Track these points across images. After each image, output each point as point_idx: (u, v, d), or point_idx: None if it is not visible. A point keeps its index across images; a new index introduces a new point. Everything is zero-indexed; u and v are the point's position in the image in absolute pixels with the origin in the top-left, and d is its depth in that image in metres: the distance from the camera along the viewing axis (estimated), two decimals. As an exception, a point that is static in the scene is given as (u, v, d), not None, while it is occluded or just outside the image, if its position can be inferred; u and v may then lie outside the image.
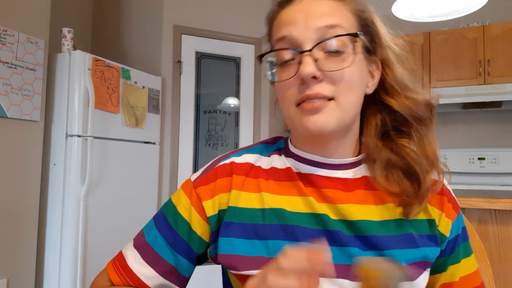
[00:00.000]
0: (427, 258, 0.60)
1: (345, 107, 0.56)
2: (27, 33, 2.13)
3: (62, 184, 2.23)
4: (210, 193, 0.62)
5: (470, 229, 0.77)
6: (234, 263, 0.58)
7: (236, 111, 3.26)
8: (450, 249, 0.63)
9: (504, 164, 3.29)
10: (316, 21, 0.55)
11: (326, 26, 0.55)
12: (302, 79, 0.55)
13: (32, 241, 2.17)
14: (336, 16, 0.56)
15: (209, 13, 3.14)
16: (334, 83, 0.55)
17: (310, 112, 0.56)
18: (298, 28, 0.56)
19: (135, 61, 3.03)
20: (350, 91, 0.56)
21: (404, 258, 0.58)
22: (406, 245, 0.59)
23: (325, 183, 0.61)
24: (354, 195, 0.61)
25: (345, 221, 0.59)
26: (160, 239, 0.63)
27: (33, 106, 2.14)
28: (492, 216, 1.25)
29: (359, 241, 0.58)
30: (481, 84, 3.19)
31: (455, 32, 3.29)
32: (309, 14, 0.56)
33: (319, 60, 0.55)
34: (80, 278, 2.17)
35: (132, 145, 2.60)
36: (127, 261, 0.64)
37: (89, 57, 2.30)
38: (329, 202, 0.60)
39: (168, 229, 0.63)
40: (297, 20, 0.56)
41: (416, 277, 0.59)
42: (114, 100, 2.45)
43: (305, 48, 0.55)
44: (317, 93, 0.55)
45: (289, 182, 0.62)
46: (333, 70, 0.55)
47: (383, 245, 0.58)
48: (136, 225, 2.52)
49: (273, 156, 0.66)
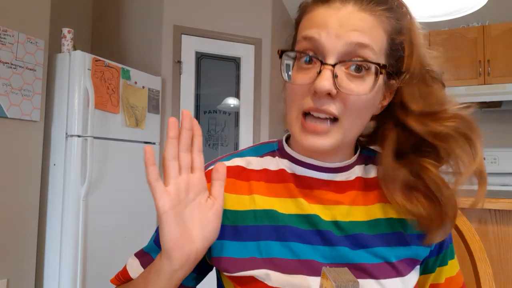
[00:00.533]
0: (417, 256, 0.61)
1: (347, 131, 0.56)
2: (27, 33, 2.12)
3: (62, 184, 2.23)
4: None
5: (470, 229, 0.77)
6: (227, 265, 0.59)
7: (236, 111, 3.26)
8: (437, 249, 0.64)
9: (504, 164, 3.29)
10: (349, 34, 0.52)
11: (357, 44, 0.52)
12: (315, 91, 0.53)
13: (32, 241, 2.16)
14: (370, 35, 0.53)
15: (209, 13, 3.14)
16: (346, 105, 0.54)
17: (310, 132, 0.55)
18: (328, 35, 0.53)
19: (135, 61, 3.03)
20: (358, 116, 0.55)
21: (394, 255, 0.59)
22: (396, 243, 0.59)
23: (319, 185, 0.61)
24: (346, 196, 0.61)
25: (336, 222, 0.59)
26: (155, 248, 0.65)
27: (33, 106, 2.14)
28: (492, 216, 1.25)
29: (348, 240, 0.58)
30: (481, 84, 3.19)
31: (455, 32, 3.29)
32: (344, 24, 0.53)
33: (339, 77, 0.53)
34: (80, 278, 2.17)
35: (132, 145, 2.60)
36: (127, 267, 0.67)
37: (89, 57, 2.30)
38: (321, 203, 0.60)
39: None
40: (330, 26, 0.53)
41: (407, 273, 0.59)
42: (114, 100, 2.45)
43: (329, 60, 0.52)
44: (325, 109, 0.53)
45: (280, 184, 0.62)
46: (350, 94, 0.53)
47: (371, 243, 0.58)
48: (136, 225, 2.52)
49: (266, 157, 0.66)
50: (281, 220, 0.59)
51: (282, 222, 0.59)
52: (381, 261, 0.58)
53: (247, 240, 0.59)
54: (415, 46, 0.58)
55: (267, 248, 0.58)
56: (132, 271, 0.65)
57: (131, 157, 2.59)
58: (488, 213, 1.25)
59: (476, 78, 3.20)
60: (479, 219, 1.26)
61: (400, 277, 0.58)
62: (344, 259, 0.58)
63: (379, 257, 0.58)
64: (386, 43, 0.55)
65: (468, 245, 0.77)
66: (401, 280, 0.58)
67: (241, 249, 0.59)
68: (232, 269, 0.58)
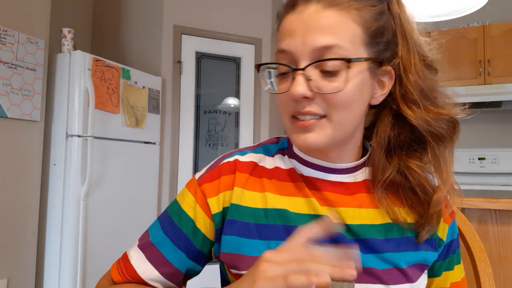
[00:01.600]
0: (426, 261, 0.61)
1: (338, 125, 0.56)
2: (27, 33, 2.13)
3: (62, 184, 2.23)
4: (215, 190, 0.62)
5: (470, 229, 0.77)
6: (236, 262, 0.58)
7: (236, 111, 3.26)
8: (444, 253, 0.64)
9: (504, 164, 3.29)
10: (314, 39, 0.53)
11: (322, 47, 0.52)
12: (293, 97, 0.54)
13: (32, 241, 2.17)
14: (337, 32, 0.53)
15: (209, 13, 3.14)
16: (327, 102, 0.54)
17: (300, 130, 0.56)
18: (296, 44, 0.54)
19: (135, 61, 3.03)
20: (344, 110, 0.55)
21: (404, 261, 0.58)
22: (406, 248, 0.59)
23: (327, 187, 0.61)
24: (355, 199, 0.60)
25: (345, 224, 0.59)
26: (164, 238, 0.63)
27: (33, 106, 2.14)
28: (492, 216, 1.25)
29: (359, 244, 0.58)
30: (481, 84, 3.19)
31: (455, 32, 3.29)
32: (308, 28, 0.53)
33: (313, 79, 0.54)
34: (80, 278, 2.17)
35: (132, 145, 2.60)
36: (130, 260, 0.64)
37: (89, 57, 2.30)
38: (330, 205, 0.60)
39: (172, 228, 0.63)
40: (296, 34, 0.54)
41: (416, 279, 0.59)
42: (114, 100, 2.45)
43: (301, 65, 0.54)
44: (308, 111, 0.55)
45: (292, 183, 0.62)
46: (325, 93, 0.54)
47: (382, 248, 0.58)
48: (136, 225, 2.52)
49: (277, 156, 0.66)
50: (292, 220, 0.59)
51: (293, 222, 0.59)
52: (391, 267, 0.58)
53: (257, 238, 0.58)
54: (404, 30, 0.57)
55: None
56: (139, 266, 0.62)
57: (131, 157, 2.59)
58: (488, 213, 1.25)
59: (476, 78, 3.20)
60: (479, 219, 1.26)
61: (410, 283, 0.58)
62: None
63: (389, 262, 0.58)
64: (363, 33, 0.54)
65: (468, 245, 0.77)
66: (410, 286, 0.58)
67: (252, 247, 0.58)
68: (241, 266, 0.57)
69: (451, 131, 0.59)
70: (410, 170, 0.59)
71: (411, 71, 0.57)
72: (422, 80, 0.57)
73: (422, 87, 0.57)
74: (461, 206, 0.61)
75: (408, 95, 0.57)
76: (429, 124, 0.57)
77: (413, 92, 0.57)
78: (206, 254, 0.64)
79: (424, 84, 0.57)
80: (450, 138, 0.59)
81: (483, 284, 0.75)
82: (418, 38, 0.59)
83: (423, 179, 0.58)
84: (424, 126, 0.57)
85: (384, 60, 0.57)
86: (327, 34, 0.53)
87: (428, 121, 0.57)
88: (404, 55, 0.57)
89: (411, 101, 0.57)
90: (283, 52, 0.56)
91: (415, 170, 0.58)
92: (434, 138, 0.58)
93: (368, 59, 0.55)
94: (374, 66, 0.56)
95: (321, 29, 0.53)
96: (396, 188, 0.60)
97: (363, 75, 0.55)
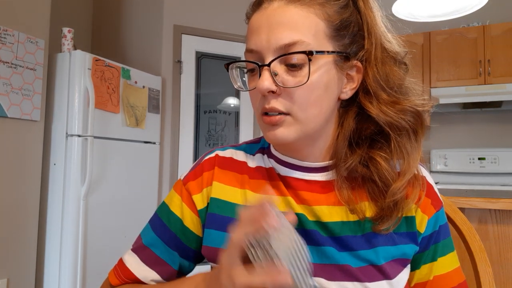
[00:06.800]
0: (405, 255, 0.60)
1: (304, 121, 0.56)
2: (27, 33, 2.12)
3: (62, 184, 2.23)
4: (198, 187, 0.64)
5: (470, 229, 0.77)
6: (216, 256, 0.58)
7: (236, 111, 3.26)
8: (424, 246, 0.62)
9: (504, 164, 3.29)
10: (277, 36, 0.54)
11: (285, 45, 0.53)
12: (260, 93, 0.56)
13: (32, 241, 2.17)
14: (300, 28, 0.54)
15: (209, 13, 3.14)
16: (291, 98, 0.55)
17: (270, 126, 0.57)
18: (261, 42, 0.55)
19: (135, 61, 3.03)
20: (308, 106, 0.55)
21: (382, 256, 0.58)
22: (383, 243, 0.59)
23: (301, 185, 0.61)
24: (329, 197, 0.61)
25: (320, 222, 0.59)
26: (156, 240, 0.65)
27: (33, 106, 2.14)
28: (492, 216, 1.25)
29: (334, 242, 0.59)
30: (481, 84, 3.19)
31: (455, 32, 3.29)
32: (271, 25, 0.54)
33: (279, 74, 0.55)
34: (80, 278, 2.17)
35: (132, 145, 2.60)
36: (126, 264, 0.66)
37: (89, 57, 2.30)
38: (305, 203, 0.60)
39: (162, 229, 0.65)
40: (261, 31, 0.55)
41: (395, 275, 0.58)
42: (114, 100, 2.45)
43: (266, 61, 0.55)
44: (272, 107, 0.55)
45: (271, 182, 0.63)
46: (288, 87, 0.54)
47: (356, 246, 0.58)
48: (136, 225, 2.52)
49: (258, 155, 0.67)
50: None
51: None
52: (366, 264, 0.58)
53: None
54: (368, 23, 0.58)
55: None
56: (135, 268, 0.64)
57: (131, 157, 2.59)
58: (488, 213, 1.25)
59: (476, 78, 3.20)
60: (479, 219, 1.26)
61: (387, 279, 0.57)
62: (330, 259, 0.58)
63: (365, 260, 0.58)
64: (326, 27, 0.55)
65: (468, 245, 0.77)
66: (388, 283, 0.57)
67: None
68: (217, 259, 0.58)
69: (415, 123, 0.59)
70: (373, 161, 0.59)
71: (371, 63, 0.58)
72: (382, 73, 0.57)
73: (382, 79, 0.57)
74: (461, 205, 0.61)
75: (367, 87, 0.58)
76: (387, 115, 0.57)
77: (372, 84, 0.57)
78: (197, 251, 0.66)
79: (385, 77, 0.58)
80: (414, 130, 0.59)
81: (483, 284, 0.75)
82: (383, 32, 0.60)
83: (385, 171, 0.58)
84: (383, 117, 0.57)
85: (350, 53, 0.57)
86: (289, 30, 0.54)
87: (386, 112, 0.57)
88: (368, 48, 0.58)
89: (370, 93, 0.58)
90: (250, 51, 0.57)
91: (378, 161, 0.58)
92: (394, 129, 0.58)
93: (332, 52, 0.55)
94: (340, 60, 0.57)
95: (284, 25, 0.54)
96: (361, 182, 0.60)
97: (328, 68, 0.56)
